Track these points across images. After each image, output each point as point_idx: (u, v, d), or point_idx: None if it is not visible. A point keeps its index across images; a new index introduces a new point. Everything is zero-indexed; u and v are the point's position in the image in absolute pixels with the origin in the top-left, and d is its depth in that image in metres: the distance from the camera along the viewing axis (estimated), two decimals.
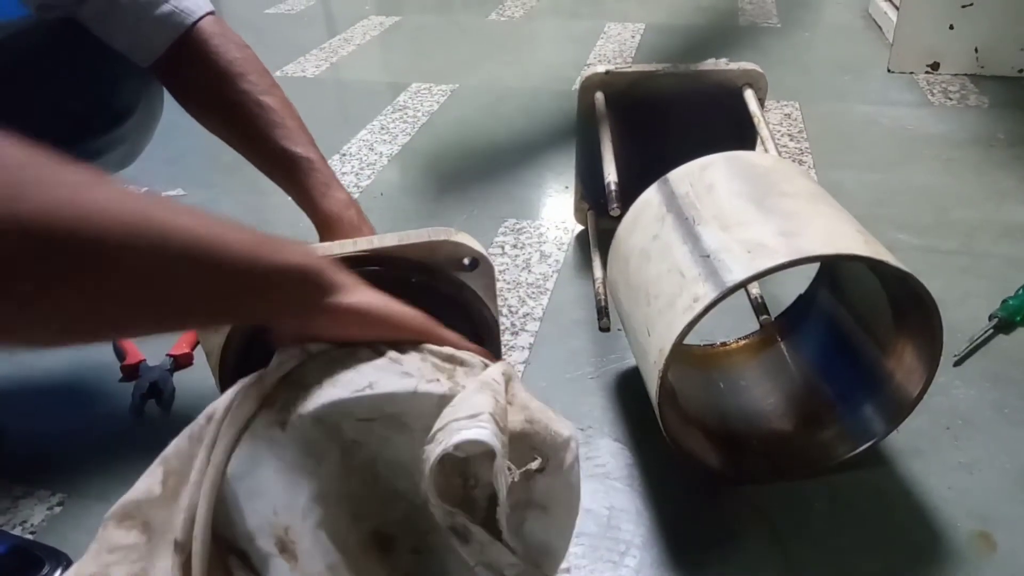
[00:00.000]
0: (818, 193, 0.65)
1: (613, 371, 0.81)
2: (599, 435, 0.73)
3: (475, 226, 1.08)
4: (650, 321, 0.61)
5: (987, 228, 1.03)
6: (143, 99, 0.76)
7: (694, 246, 0.60)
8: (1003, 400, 0.75)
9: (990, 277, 0.92)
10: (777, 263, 0.55)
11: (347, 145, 1.34)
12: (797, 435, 0.70)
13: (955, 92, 1.48)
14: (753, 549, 0.62)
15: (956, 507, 0.64)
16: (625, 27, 1.94)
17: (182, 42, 0.68)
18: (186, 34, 0.68)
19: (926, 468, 0.68)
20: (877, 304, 0.68)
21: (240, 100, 0.68)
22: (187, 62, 0.69)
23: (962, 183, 1.15)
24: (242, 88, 0.68)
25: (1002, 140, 1.28)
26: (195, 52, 0.69)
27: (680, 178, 0.68)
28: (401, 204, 1.16)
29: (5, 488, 0.69)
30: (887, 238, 1.00)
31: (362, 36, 1.97)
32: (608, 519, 0.64)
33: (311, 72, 1.73)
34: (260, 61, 0.71)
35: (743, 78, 0.89)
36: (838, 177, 1.17)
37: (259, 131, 0.68)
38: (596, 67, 0.91)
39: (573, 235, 1.06)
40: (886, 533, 0.63)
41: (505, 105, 1.51)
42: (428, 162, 1.30)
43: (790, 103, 1.45)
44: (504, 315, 0.90)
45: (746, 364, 0.78)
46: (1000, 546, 0.61)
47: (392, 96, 1.56)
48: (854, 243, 0.57)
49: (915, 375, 0.64)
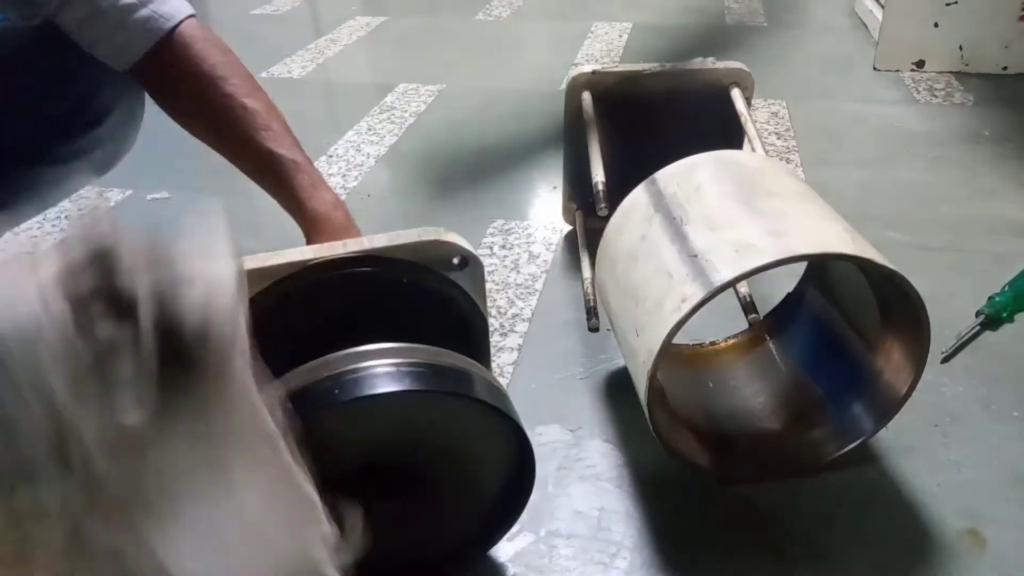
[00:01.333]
0: (805, 192, 0.65)
1: (602, 371, 0.80)
2: (589, 436, 0.73)
3: (463, 227, 1.07)
4: (639, 321, 0.61)
5: (974, 225, 1.04)
6: (122, 100, 0.75)
7: (682, 246, 0.60)
8: (991, 396, 0.75)
9: (977, 274, 0.93)
10: (765, 263, 0.55)
11: (334, 146, 1.34)
12: (787, 434, 0.71)
13: (940, 90, 1.49)
14: (744, 549, 0.62)
15: (945, 504, 0.64)
16: (612, 27, 1.94)
17: (162, 47, 0.68)
18: (166, 39, 0.68)
19: (915, 466, 0.68)
20: (865, 302, 0.68)
21: (224, 104, 0.67)
22: (168, 67, 0.69)
23: (949, 180, 1.16)
24: (225, 92, 0.68)
25: (987, 137, 1.29)
26: (176, 57, 0.68)
27: (667, 178, 0.68)
28: (389, 205, 1.16)
29: None
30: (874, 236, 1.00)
31: (348, 37, 1.96)
32: (598, 520, 0.64)
33: (297, 73, 1.72)
34: (243, 64, 0.71)
35: (730, 77, 0.89)
36: (825, 175, 1.17)
37: (244, 135, 0.67)
38: (583, 67, 0.90)
39: (562, 235, 1.06)
40: (876, 531, 0.63)
41: (492, 105, 1.50)
42: (416, 163, 1.29)
43: (777, 102, 1.45)
44: (493, 316, 0.89)
45: (735, 363, 0.78)
46: (990, 543, 0.61)
47: (379, 97, 1.55)
48: (841, 242, 0.57)
49: (903, 373, 0.64)
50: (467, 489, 0.54)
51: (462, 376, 0.48)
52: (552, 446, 0.71)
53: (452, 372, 0.48)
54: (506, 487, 0.55)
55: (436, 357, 0.49)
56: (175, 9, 0.68)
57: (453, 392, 0.47)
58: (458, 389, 0.47)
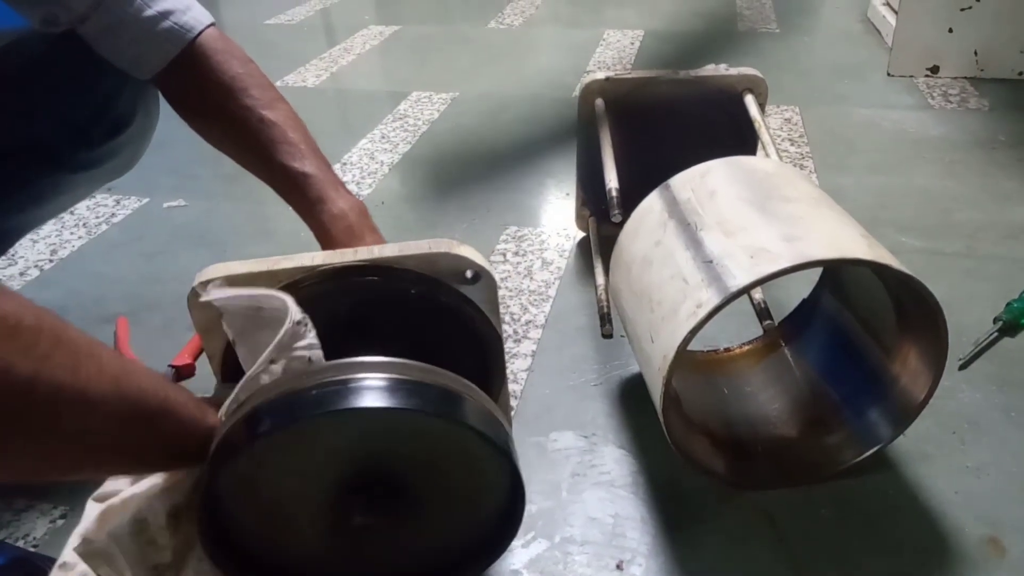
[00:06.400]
0: (820, 197, 0.65)
1: (616, 378, 0.80)
2: (603, 442, 0.72)
3: (477, 234, 1.08)
4: (653, 328, 0.61)
5: (990, 230, 1.03)
6: (141, 108, 0.76)
7: (696, 252, 0.60)
8: (1009, 403, 0.74)
9: (994, 279, 0.92)
10: (780, 268, 0.55)
11: (348, 154, 1.34)
12: (803, 440, 0.70)
13: (955, 95, 1.48)
14: (760, 556, 0.61)
15: (964, 511, 0.64)
16: (624, 34, 1.94)
17: (183, 57, 0.68)
18: (187, 49, 0.68)
19: (933, 472, 0.67)
20: (881, 308, 0.67)
21: (242, 116, 0.68)
22: (189, 77, 0.69)
23: (964, 185, 1.15)
24: (244, 104, 0.68)
25: (1003, 142, 1.28)
26: (197, 67, 0.69)
27: (681, 184, 0.68)
28: (402, 213, 1.16)
29: (7, 501, 0.69)
30: (890, 241, 1.00)
31: (362, 45, 1.97)
32: (613, 527, 0.64)
33: (312, 82, 1.73)
34: (263, 75, 0.71)
35: (743, 83, 0.89)
36: (840, 181, 1.17)
37: (261, 148, 0.68)
38: (596, 74, 0.91)
39: (575, 242, 1.06)
40: (894, 538, 0.62)
41: (505, 113, 1.51)
42: (429, 170, 1.30)
43: (790, 108, 1.45)
44: (507, 323, 0.89)
45: (750, 369, 0.78)
46: (1009, 551, 0.61)
47: (392, 105, 1.56)
48: (857, 247, 0.57)
49: (920, 379, 0.63)
50: (457, 509, 0.52)
51: (450, 397, 0.46)
52: (566, 452, 0.71)
53: (439, 392, 0.46)
54: (498, 511, 0.52)
55: (427, 376, 0.47)
56: (196, 19, 0.69)
57: (435, 413, 0.45)
58: (441, 410, 0.46)
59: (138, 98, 0.75)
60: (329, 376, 0.45)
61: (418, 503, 0.50)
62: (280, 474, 0.47)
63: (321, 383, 0.44)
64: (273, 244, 1.08)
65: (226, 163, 0.74)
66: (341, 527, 0.49)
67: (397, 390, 0.45)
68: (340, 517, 0.48)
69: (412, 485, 0.49)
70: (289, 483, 0.47)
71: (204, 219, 1.17)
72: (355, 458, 0.47)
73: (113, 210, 1.19)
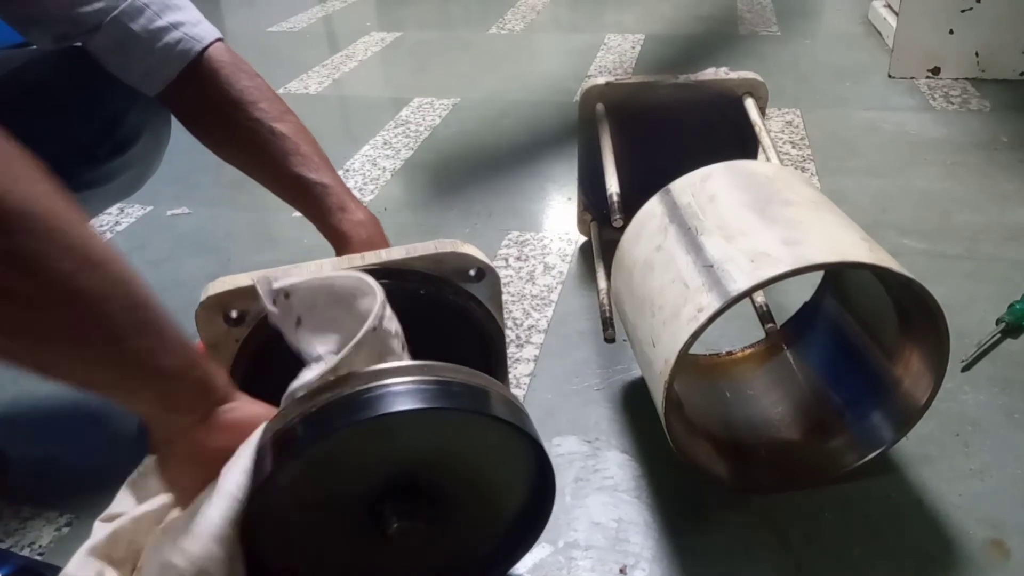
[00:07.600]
0: (821, 200, 0.65)
1: (619, 382, 0.80)
2: (606, 447, 0.73)
3: (479, 239, 1.09)
4: (655, 332, 0.61)
5: (992, 232, 1.03)
6: (148, 126, 0.75)
7: (697, 256, 0.60)
8: (1012, 405, 0.74)
9: (996, 281, 0.92)
10: (781, 272, 0.55)
11: (350, 160, 1.35)
12: (805, 444, 0.70)
13: (956, 96, 1.48)
14: (764, 560, 0.61)
15: (968, 514, 0.64)
16: (625, 38, 1.95)
17: (191, 71, 0.69)
18: (195, 63, 0.69)
19: (936, 475, 0.67)
20: (883, 310, 0.67)
21: (252, 128, 0.68)
22: (197, 91, 0.69)
23: (966, 187, 1.15)
24: (254, 116, 0.68)
25: (1005, 143, 1.28)
26: (205, 81, 0.69)
27: (682, 188, 0.68)
28: (405, 218, 1.16)
29: (14, 509, 0.69)
30: (891, 244, 1.00)
31: (364, 52, 1.98)
32: (616, 532, 0.64)
33: (314, 89, 1.74)
34: (271, 88, 0.72)
35: (743, 87, 0.89)
36: (841, 184, 1.17)
37: (273, 160, 0.69)
38: (596, 78, 0.91)
39: (576, 246, 1.06)
40: (897, 541, 0.62)
41: (507, 118, 1.51)
42: (431, 176, 1.30)
43: (791, 111, 1.45)
44: (509, 327, 0.90)
45: (752, 373, 0.78)
46: (1014, 553, 0.60)
47: (394, 111, 1.56)
48: (858, 250, 0.57)
49: (923, 381, 0.63)
50: (487, 508, 0.53)
51: (479, 393, 0.47)
52: (569, 457, 0.71)
53: (469, 389, 0.47)
54: (526, 506, 0.54)
55: (453, 374, 0.48)
56: (206, 32, 0.70)
57: (471, 409, 0.46)
58: (475, 407, 0.47)
59: (145, 117, 0.75)
60: (359, 384, 0.45)
61: (453, 505, 0.51)
62: (331, 475, 0.47)
63: (354, 391, 0.45)
64: (277, 251, 1.09)
65: (229, 171, 0.74)
66: (376, 534, 0.48)
67: (425, 392, 0.45)
68: (377, 523, 0.48)
69: (446, 487, 0.50)
70: (333, 487, 0.48)
71: (208, 227, 1.17)
72: (389, 465, 0.48)
73: (117, 218, 1.20)
